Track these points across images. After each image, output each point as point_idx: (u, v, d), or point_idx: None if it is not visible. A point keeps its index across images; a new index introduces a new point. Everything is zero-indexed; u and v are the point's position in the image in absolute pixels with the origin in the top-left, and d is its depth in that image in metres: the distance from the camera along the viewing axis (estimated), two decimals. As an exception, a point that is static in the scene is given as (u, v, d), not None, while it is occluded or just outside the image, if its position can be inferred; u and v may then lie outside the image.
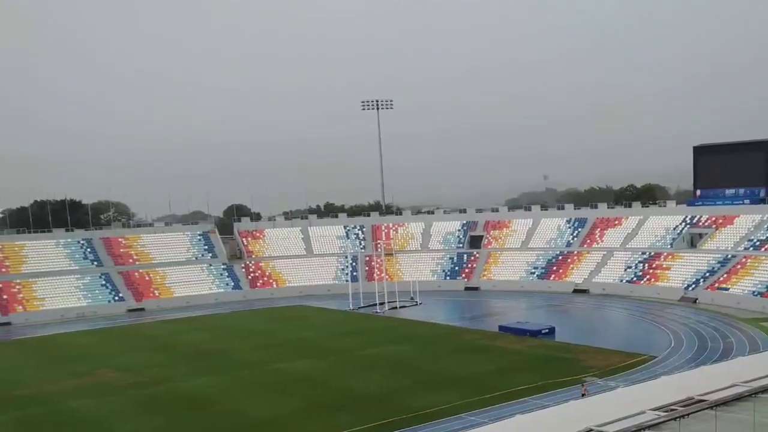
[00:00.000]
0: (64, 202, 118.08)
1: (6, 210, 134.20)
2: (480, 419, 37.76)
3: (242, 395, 46.70)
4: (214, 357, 59.81)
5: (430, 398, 43.27)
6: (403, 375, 50.40)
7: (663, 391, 23.25)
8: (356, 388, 47.07)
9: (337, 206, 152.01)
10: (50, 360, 61.82)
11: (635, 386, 28.86)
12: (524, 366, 51.43)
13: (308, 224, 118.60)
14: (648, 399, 21.73)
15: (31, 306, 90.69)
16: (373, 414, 40.51)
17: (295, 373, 52.58)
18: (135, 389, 49.36)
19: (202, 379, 51.62)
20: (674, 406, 20.47)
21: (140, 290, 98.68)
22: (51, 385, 51.77)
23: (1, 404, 46.71)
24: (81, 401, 46.61)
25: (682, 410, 19.87)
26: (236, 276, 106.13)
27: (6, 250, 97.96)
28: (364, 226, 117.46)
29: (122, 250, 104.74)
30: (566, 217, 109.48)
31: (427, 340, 63.48)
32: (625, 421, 19.45)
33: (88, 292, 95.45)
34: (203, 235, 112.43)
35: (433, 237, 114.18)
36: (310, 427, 38.99)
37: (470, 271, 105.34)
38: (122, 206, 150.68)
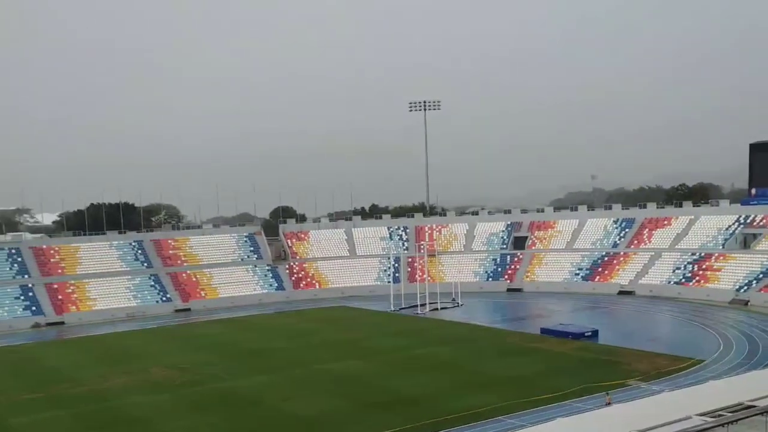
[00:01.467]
0: (119, 205, 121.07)
1: (63, 213, 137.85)
2: (521, 422, 37.92)
3: (288, 394, 47.51)
4: (260, 356, 60.87)
5: (471, 400, 43.53)
6: (444, 376, 50.70)
7: (711, 396, 22.82)
8: (399, 389, 47.51)
9: (381, 208, 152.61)
10: (102, 358, 63.53)
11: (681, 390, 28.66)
12: (566, 369, 51.27)
13: (352, 225, 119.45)
14: (695, 404, 21.37)
15: (84, 306, 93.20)
16: (415, 414, 40.95)
17: (339, 373, 53.27)
18: (184, 387, 50.56)
19: (249, 378, 52.61)
20: (722, 412, 20.10)
21: (187, 291, 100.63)
22: (103, 382, 53.28)
23: (57, 401, 48.30)
24: (132, 398, 47.95)
25: (731, 416, 19.51)
26: (280, 277, 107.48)
27: (62, 252, 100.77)
28: (408, 228, 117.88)
29: (171, 252, 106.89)
30: (613, 217, 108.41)
31: (468, 342, 63.65)
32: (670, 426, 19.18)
33: (137, 293, 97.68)
34: (249, 236, 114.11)
35: (477, 238, 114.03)
36: (354, 426, 39.57)
37: (513, 272, 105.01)
38: (173, 208, 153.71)
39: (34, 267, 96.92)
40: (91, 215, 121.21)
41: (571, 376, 48.19)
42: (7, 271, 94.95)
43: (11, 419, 44.15)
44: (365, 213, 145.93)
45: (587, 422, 26.37)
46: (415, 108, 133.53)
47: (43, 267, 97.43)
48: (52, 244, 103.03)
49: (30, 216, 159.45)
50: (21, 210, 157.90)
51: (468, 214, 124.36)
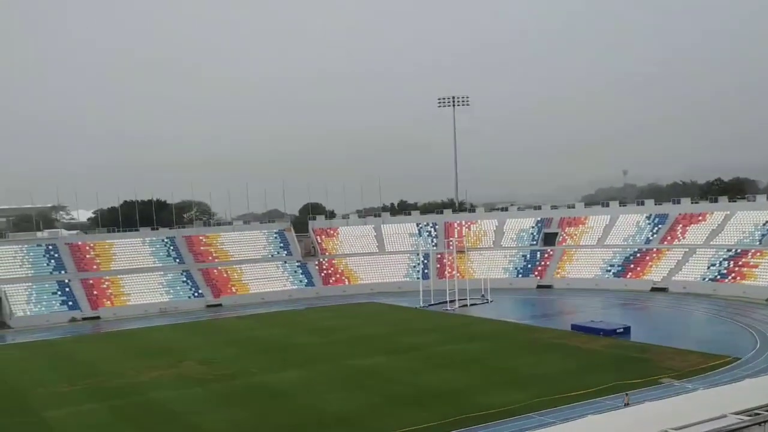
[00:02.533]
0: (151, 202, 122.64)
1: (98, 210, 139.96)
2: (550, 419, 37.85)
3: (318, 389, 47.85)
4: (290, 352, 61.36)
5: (500, 396, 43.50)
6: (473, 373, 50.71)
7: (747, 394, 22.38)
8: (427, 385, 47.61)
9: (411, 204, 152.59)
10: (136, 352, 64.52)
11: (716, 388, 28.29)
12: (597, 366, 51.00)
13: (381, 222, 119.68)
14: (730, 402, 20.99)
15: (118, 301, 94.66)
16: (445, 410, 41.02)
17: (368, 368, 53.53)
18: (215, 382, 51.17)
19: (278, 373, 53.08)
20: (759, 410, 19.74)
21: (218, 286, 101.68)
22: (137, 376, 54.12)
23: (93, 393, 49.19)
24: (165, 392, 48.65)
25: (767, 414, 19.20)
26: (310, 273, 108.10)
27: (97, 248, 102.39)
28: (437, 224, 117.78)
29: (203, 248, 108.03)
30: (646, 213, 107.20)
31: (497, 338, 63.54)
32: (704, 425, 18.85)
33: (170, 288, 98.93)
34: (279, 233, 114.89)
35: (506, 234, 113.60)
36: (383, 421, 39.73)
37: (543, 268, 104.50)
38: (204, 205, 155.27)
39: (70, 263, 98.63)
40: (124, 212, 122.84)
41: (603, 374, 47.92)
42: (44, 267, 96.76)
43: (49, 411, 45.06)
44: (394, 209, 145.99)
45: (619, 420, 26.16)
46: (444, 104, 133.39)
47: (79, 263, 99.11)
48: (88, 240, 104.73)
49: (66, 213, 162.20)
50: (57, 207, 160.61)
51: (497, 210, 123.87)
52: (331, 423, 40.30)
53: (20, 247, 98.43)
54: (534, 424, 37.47)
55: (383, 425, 38.97)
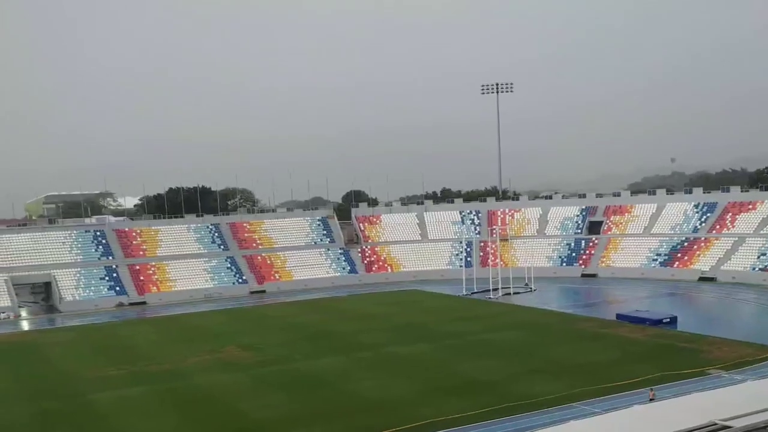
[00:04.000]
0: (196, 189, 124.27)
1: (144, 197, 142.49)
2: (594, 409, 37.32)
3: (359, 376, 47.93)
4: (332, 338, 61.55)
5: (543, 385, 43.04)
6: (516, 361, 50.26)
7: None
8: (470, 373, 47.33)
9: (454, 192, 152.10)
10: (181, 338, 65.49)
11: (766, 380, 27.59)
12: (643, 356, 50.06)
13: (424, 210, 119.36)
14: None
15: (164, 287, 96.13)
16: (486, 399, 40.72)
17: (409, 356, 53.41)
18: (258, 367, 51.58)
19: (321, 359, 53.28)
20: None
21: (262, 273, 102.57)
22: (182, 361, 54.85)
23: (139, 377, 50.02)
24: (208, 377, 49.22)
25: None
26: (352, 260, 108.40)
27: (143, 234, 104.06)
28: (480, 212, 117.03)
29: (246, 235, 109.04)
30: (694, 201, 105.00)
31: (541, 327, 62.87)
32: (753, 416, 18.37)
33: (214, 275, 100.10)
34: (322, 220, 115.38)
35: (550, 222, 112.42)
36: (424, 409, 39.57)
37: (588, 257, 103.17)
38: (248, 192, 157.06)
39: (117, 249, 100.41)
40: (169, 199, 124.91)
41: (648, 363, 47.05)
42: (92, 253, 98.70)
43: (96, 394, 45.94)
44: (437, 197, 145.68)
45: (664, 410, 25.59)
46: (487, 90, 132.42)
47: (125, 249, 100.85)
48: (134, 226, 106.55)
49: (113, 200, 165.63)
50: (104, 194, 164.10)
51: (541, 198, 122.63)
52: (371, 410, 40.29)
53: (69, 233, 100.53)
54: (577, 414, 36.94)
55: (424, 413, 38.80)
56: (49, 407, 43.58)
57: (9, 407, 44.06)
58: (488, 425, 36.92)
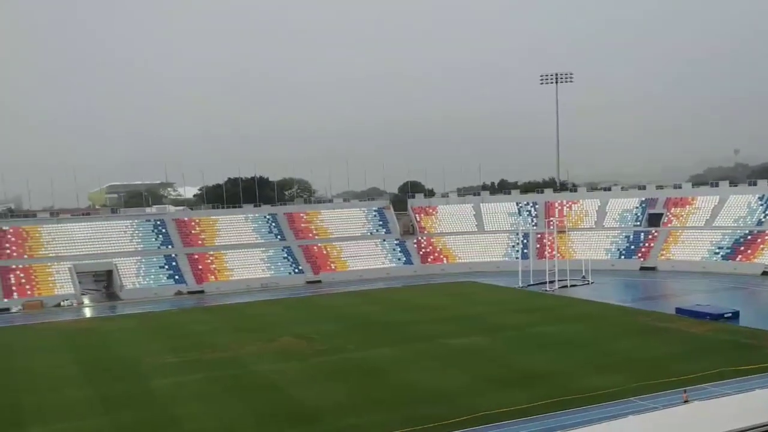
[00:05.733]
0: (254, 180, 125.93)
1: (203, 187, 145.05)
2: (652, 404, 36.70)
3: (414, 367, 47.95)
4: (386, 329, 61.76)
5: (599, 379, 42.47)
6: (572, 354, 49.66)
7: None
8: (526, 366, 46.97)
9: (511, 183, 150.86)
10: (238, 326, 66.52)
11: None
12: (702, 351, 48.95)
13: (480, 201, 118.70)
14: None
15: (222, 276, 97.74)
16: (542, 392, 40.38)
17: (465, 347, 53.27)
18: (312, 357, 52.07)
19: (376, 349, 53.50)
20: None
21: (318, 263, 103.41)
22: (238, 349, 55.70)
23: (196, 365, 50.97)
24: (265, 366, 49.90)
25: None
26: (408, 251, 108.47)
27: (202, 224, 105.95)
28: (537, 203, 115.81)
29: (303, 225, 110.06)
30: (758, 193, 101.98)
31: (598, 320, 61.99)
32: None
33: (271, 264, 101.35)
34: (378, 210, 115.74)
35: (609, 214, 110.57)
36: (479, 401, 39.44)
37: (647, 250, 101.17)
38: (305, 183, 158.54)
39: (177, 238, 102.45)
40: (228, 189, 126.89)
41: (708, 359, 45.96)
42: (153, 242, 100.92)
43: (154, 381, 47.00)
44: (494, 188, 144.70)
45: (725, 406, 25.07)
46: (546, 80, 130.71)
47: (185, 238, 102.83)
48: (193, 216, 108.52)
49: (173, 189, 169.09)
50: (165, 184, 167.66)
51: (600, 190, 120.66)
52: (425, 401, 40.31)
53: (130, 223, 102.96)
54: (634, 408, 36.35)
55: (478, 404, 38.67)
56: (110, 392, 44.75)
57: (71, 392, 45.42)
58: (545, 418, 36.59)
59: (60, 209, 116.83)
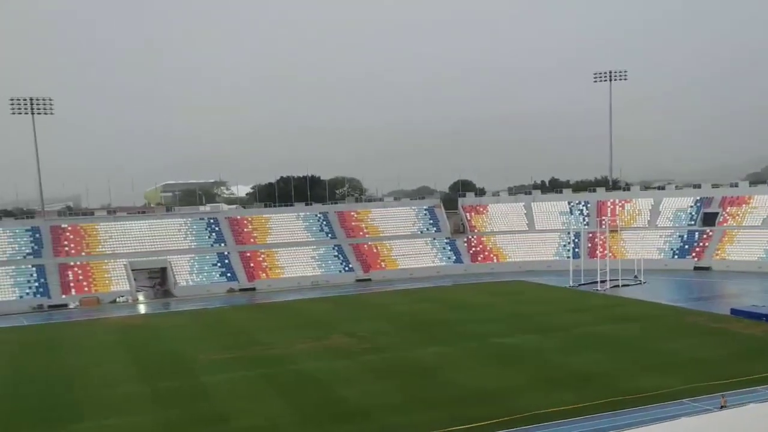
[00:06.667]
0: (306, 179, 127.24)
1: (255, 186, 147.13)
2: (704, 405, 36.17)
3: (463, 366, 48.02)
4: (436, 328, 61.87)
5: (651, 380, 41.96)
6: (623, 355, 49.12)
7: None
8: (577, 366, 46.60)
9: (562, 181, 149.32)
10: (288, 324, 67.36)
11: None
12: (758, 353, 47.86)
13: (531, 200, 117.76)
14: None
15: (273, 274, 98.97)
16: (593, 392, 40.10)
17: (515, 347, 53.10)
18: (363, 355, 52.47)
19: (425, 348, 53.61)
20: None
21: (368, 261, 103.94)
22: (289, 346, 56.43)
23: (247, 361, 51.79)
24: (314, 363, 50.46)
25: None
26: (458, 250, 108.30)
27: (254, 222, 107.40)
28: (589, 202, 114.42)
29: (354, 224, 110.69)
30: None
31: (650, 321, 61.05)
32: None
33: (322, 262, 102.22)
34: (429, 209, 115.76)
35: (662, 214, 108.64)
36: (529, 401, 39.34)
37: (701, 250, 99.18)
38: (356, 181, 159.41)
39: (229, 236, 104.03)
40: (280, 188, 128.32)
41: (764, 361, 44.99)
42: (206, 240, 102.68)
43: (205, 377, 47.95)
44: (545, 187, 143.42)
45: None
46: (600, 78, 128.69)
47: (237, 236, 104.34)
48: (246, 214, 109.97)
49: (226, 188, 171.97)
50: (218, 183, 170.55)
51: (653, 189, 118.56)
52: (474, 399, 40.38)
53: (184, 221, 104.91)
54: (686, 410, 35.85)
55: (529, 404, 38.58)
56: (162, 388, 45.81)
57: (125, 387, 46.63)
58: (594, 419, 36.38)
59: (117, 207, 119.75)
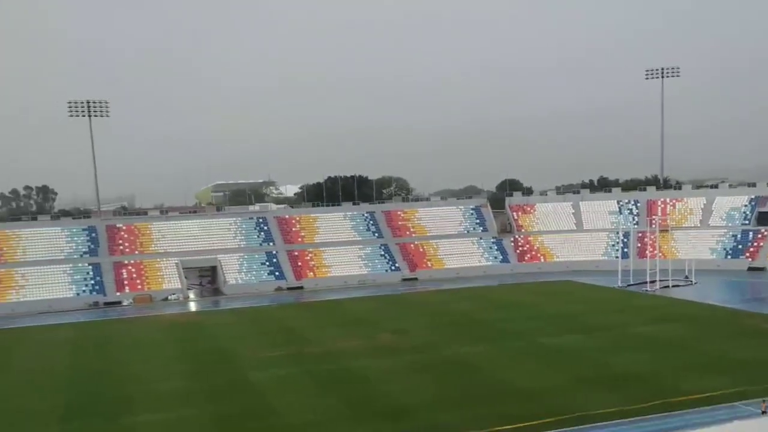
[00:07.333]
0: (353, 178, 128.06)
1: (304, 186, 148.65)
2: (757, 409, 35.38)
3: (508, 365, 47.87)
4: (482, 327, 61.76)
5: (700, 382, 41.26)
6: (671, 356, 48.36)
7: None
8: (623, 367, 46.04)
9: (611, 180, 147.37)
10: (334, 322, 67.91)
11: None
12: (815, 356, 46.78)
13: (580, 199, 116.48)
14: None
15: (320, 272, 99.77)
16: (640, 394, 39.60)
17: (560, 347, 52.70)
18: (409, 353, 52.62)
19: (470, 347, 53.59)
20: None
21: (414, 261, 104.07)
22: (334, 344, 56.92)
23: (294, 359, 52.44)
24: (360, 361, 50.79)
25: None
26: (505, 249, 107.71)
27: (302, 221, 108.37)
28: (639, 201, 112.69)
29: (400, 223, 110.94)
30: None
31: (701, 322, 60.02)
32: None
33: (368, 261, 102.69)
34: (475, 209, 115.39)
35: (715, 213, 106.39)
36: (574, 401, 39.05)
37: (756, 250, 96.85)
38: (402, 181, 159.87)
39: (278, 235, 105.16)
40: (328, 187, 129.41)
41: (822, 364, 43.93)
42: (255, 239, 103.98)
43: (254, 373, 48.70)
44: (593, 186, 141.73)
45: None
46: (651, 75, 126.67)
47: (285, 235, 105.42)
48: (294, 214, 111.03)
49: (275, 188, 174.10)
50: (267, 183, 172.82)
51: (705, 188, 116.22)
52: (519, 399, 40.24)
53: (234, 220, 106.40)
54: (738, 414, 35.22)
55: (570, 405, 38.30)
56: (212, 383, 46.66)
57: (176, 381, 47.70)
58: (642, 420, 35.95)
59: (169, 207, 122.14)
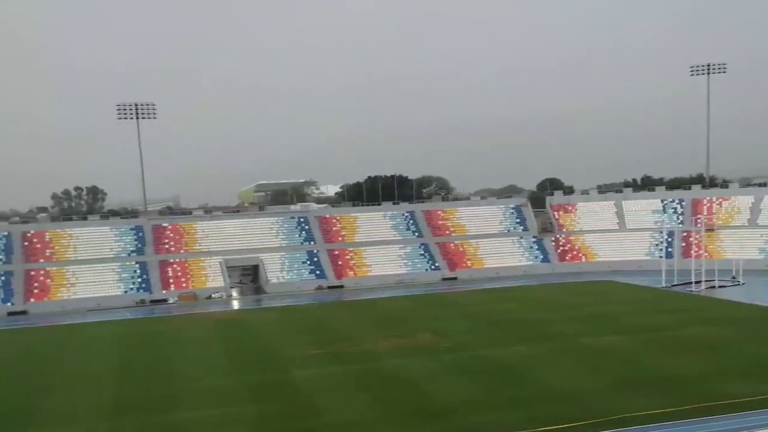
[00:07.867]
0: (393, 178, 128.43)
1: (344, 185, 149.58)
2: (802, 414, 34.73)
3: (548, 366, 47.55)
4: (521, 327, 61.43)
5: (745, 386, 40.43)
6: (715, 359, 47.51)
7: None
8: (665, 369, 45.33)
9: (655, 179, 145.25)
10: (374, 321, 68.18)
11: None
12: None
13: (622, 198, 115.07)
14: None
15: (360, 272, 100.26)
16: (682, 397, 38.94)
17: (601, 348, 52.17)
18: (448, 353, 52.60)
19: (509, 347, 53.38)
20: None
21: (454, 260, 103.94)
22: (375, 343, 57.14)
23: (335, 358, 52.72)
24: (399, 360, 50.90)
25: None
26: (545, 249, 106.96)
27: (343, 221, 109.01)
28: (684, 200, 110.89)
29: (440, 222, 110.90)
30: None
31: (747, 324, 58.82)
32: None
33: (408, 261, 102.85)
34: (516, 208, 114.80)
35: (764, 211, 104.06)
36: (612, 403, 38.63)
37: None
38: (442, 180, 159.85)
39: (318, 234, 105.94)
40: (368, 187, 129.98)
41: None
42: (296, 238, 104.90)
43: (296, 371, 49.12)
44: (637, 185, 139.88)
45: None
46: (697, 72, 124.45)
47: (326, 234, 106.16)
48: (334, 213, 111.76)
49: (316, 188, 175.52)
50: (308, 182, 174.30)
51: (754, 186, 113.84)
52: (558, 400, 39.96)
53: (276, 220, 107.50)
54: (782, 419, 34.59)
55: (613, 407, 37.84)
56: (255, 381, 47.22)
57: (220, 378, 48.40)
58: (683, 425, 35.36)
59: (213, 207, 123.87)
